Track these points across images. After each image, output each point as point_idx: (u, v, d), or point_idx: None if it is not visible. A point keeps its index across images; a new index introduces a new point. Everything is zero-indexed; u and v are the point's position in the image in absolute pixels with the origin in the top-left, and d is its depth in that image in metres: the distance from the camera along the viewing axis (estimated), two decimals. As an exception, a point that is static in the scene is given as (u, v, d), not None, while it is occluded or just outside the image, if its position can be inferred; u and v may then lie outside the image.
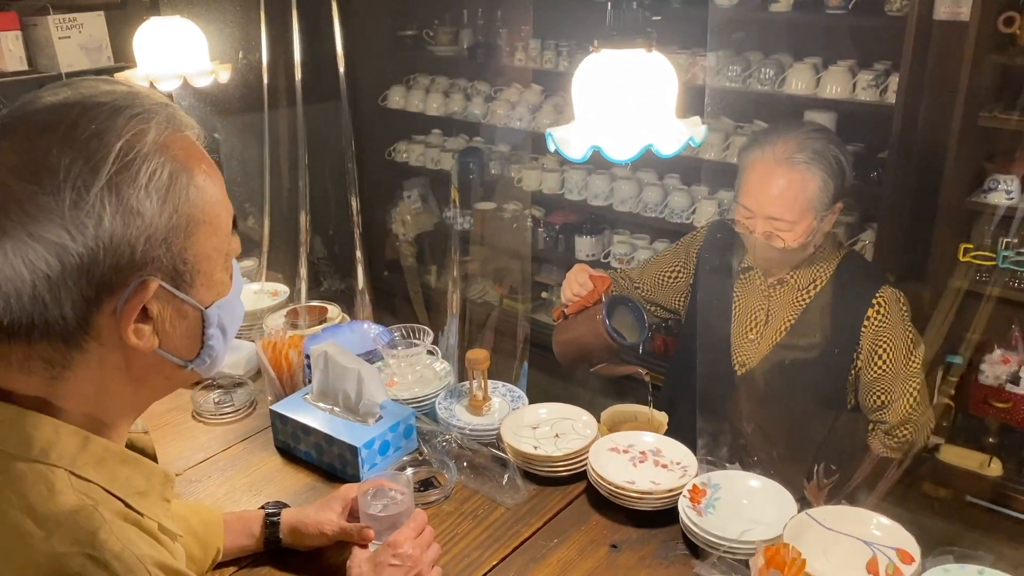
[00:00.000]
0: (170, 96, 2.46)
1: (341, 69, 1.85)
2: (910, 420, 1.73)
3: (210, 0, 2.37)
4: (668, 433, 1.64)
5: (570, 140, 1.10)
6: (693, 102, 3.07)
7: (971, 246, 2.54)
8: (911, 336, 1.74)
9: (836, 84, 2.66)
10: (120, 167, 0.76)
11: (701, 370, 1.92)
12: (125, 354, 0.84)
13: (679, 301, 2.01)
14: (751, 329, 1.85)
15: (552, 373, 1.88)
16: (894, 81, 2.50)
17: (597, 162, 3.38)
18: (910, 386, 1.73)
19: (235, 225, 0.92)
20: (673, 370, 2.14)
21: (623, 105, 1.09)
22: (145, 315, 0.82)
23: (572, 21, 3.32)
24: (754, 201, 1.69)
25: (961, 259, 2.55)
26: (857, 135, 2.77)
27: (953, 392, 2.69)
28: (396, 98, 3.98)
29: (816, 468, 1.39)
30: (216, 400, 1.83)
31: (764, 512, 1.36)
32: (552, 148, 1.13)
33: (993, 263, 2.50)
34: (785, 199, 1.65)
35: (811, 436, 1.78)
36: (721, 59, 2.92)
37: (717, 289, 1.91)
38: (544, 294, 3.71)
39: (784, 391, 1.82)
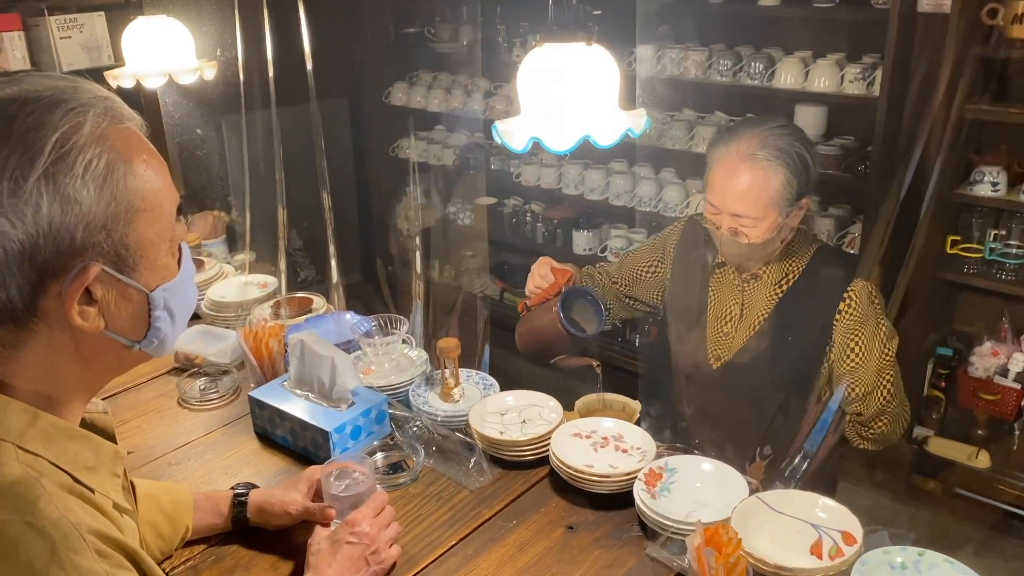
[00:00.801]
0: (155, 93, 2.55)
1: (309, 67, 1.90)
2: (885, 412, 1.74)
3: (190, 0, 2.43)
4: (641, 421, 1.66)
5: (513, 132, 1.14)
6: (693, 97, 3.10)
7: (959, 238, 2.54)
8: (884, 329, 1.75)
9: (825, 78, 2.67)
10: (56, 158, 0.81)
11: (672, 363, 1.95)
12: (73, 335, 0.89)
13: (657, 296, 2.03)
14: (726, 323, 1.87)
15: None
16: (881, 74, 2.51)
17: (595, 156, 3.42)
18: (884, 378, 1.73)
19: (179, 212, 0.97)
20: (650, 361, 2.17)
21: (562, 97, 1.13)
22: (90, 298, 0.88)
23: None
24: (719, 197, 1.71)
25: (949, 251, 2.55)
26: (846, 128, 2.78)
27: (943, 384, 2.70)
28: (399, 95, 4.03)
29: (759, 449, 1.41)
30: (202, 387, 1.89)
31: (716, 495, 1.39)
32: (497, 140, 1.17)
33: (980, 255, 2.51)
34: (748, 196, 1.66)
35: (773, 425, 1.80)
36: (714, 53, 2.94)
37: (692, 284, 1.93)
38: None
39: (759, 384, 1.84)
